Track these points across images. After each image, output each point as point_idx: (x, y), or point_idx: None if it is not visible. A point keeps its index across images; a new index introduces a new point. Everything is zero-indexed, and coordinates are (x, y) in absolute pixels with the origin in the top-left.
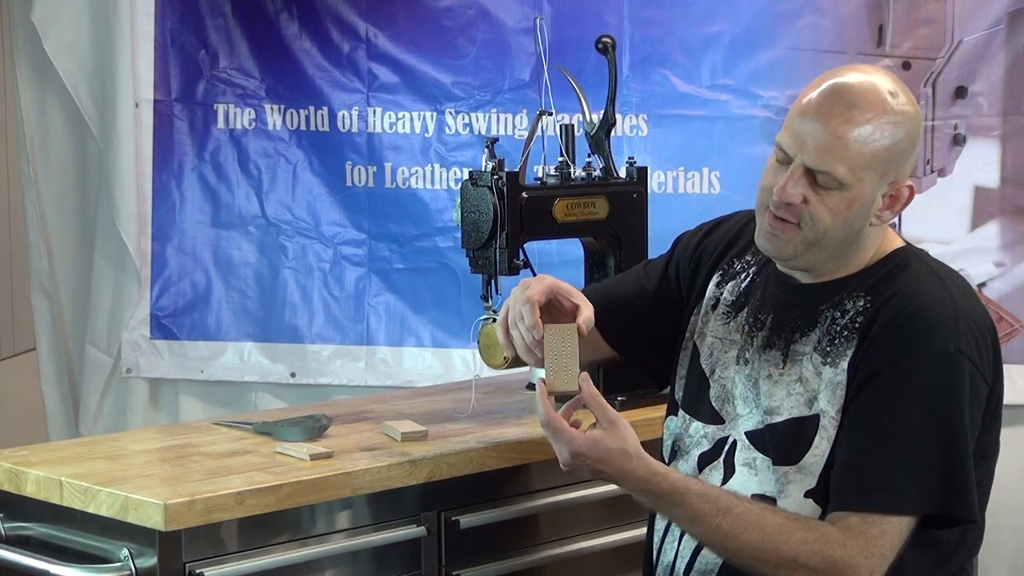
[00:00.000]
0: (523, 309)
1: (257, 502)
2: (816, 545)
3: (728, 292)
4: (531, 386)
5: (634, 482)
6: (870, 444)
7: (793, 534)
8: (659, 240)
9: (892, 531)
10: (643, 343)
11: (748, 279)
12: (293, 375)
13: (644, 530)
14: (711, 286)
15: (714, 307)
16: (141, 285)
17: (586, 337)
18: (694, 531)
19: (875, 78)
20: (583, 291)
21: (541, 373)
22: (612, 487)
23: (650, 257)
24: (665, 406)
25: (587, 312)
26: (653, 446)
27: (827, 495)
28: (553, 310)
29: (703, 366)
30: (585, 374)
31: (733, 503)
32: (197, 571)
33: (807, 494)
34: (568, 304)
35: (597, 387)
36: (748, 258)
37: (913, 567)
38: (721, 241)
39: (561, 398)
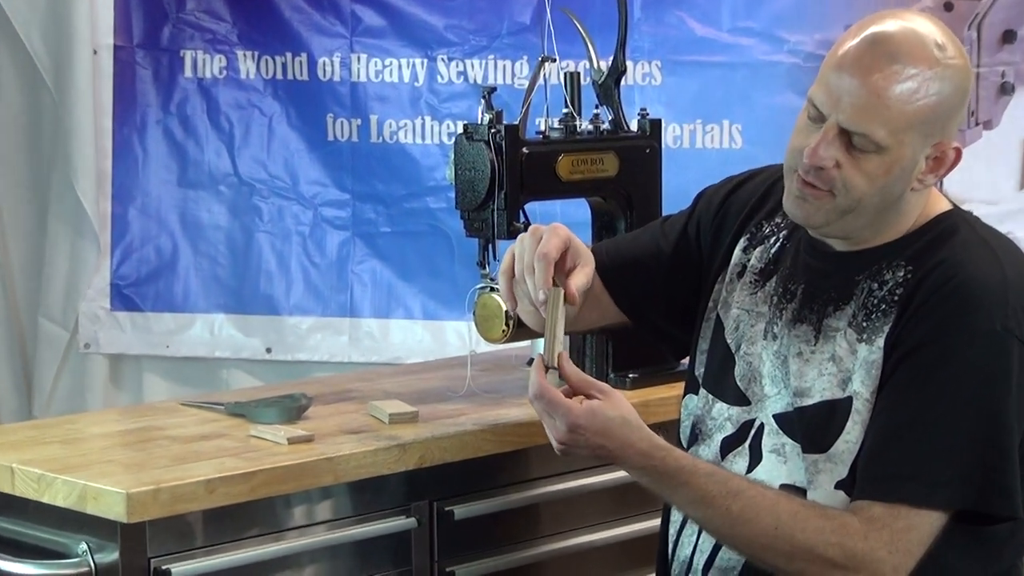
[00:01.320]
0: (536, 264)
1: (229, 491)
2: (835, 536)
3: (756, 258)
4: (532, 362)
5: (635, 457)
6: (901, 428)
7: (810, 522)
8: (674, 200)
9: (921, 526)
10: (657, 309)
11: (778, 244)
12: (269, 350)
13: (658, 521)
14: (737, 251)
15: (740, 275)
16: (100, 251)
17: (593, 298)
18: (700, 515)
19: (920, 26)
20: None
21: (542, 348)
22: (622, 474)
23: (666, 215)
24: (682, 385)
25: (579, 278)
26: (668, 428)
27: None
28: (559, 266)
29: (728, 340)
30: (564, 352)
31: (744, 486)
32: (163, 567)
33: (838, 485)
34: (570, 263)
35: (605, 361)
36: (778, 220)
37: (954, 565)
38: (748, 200)
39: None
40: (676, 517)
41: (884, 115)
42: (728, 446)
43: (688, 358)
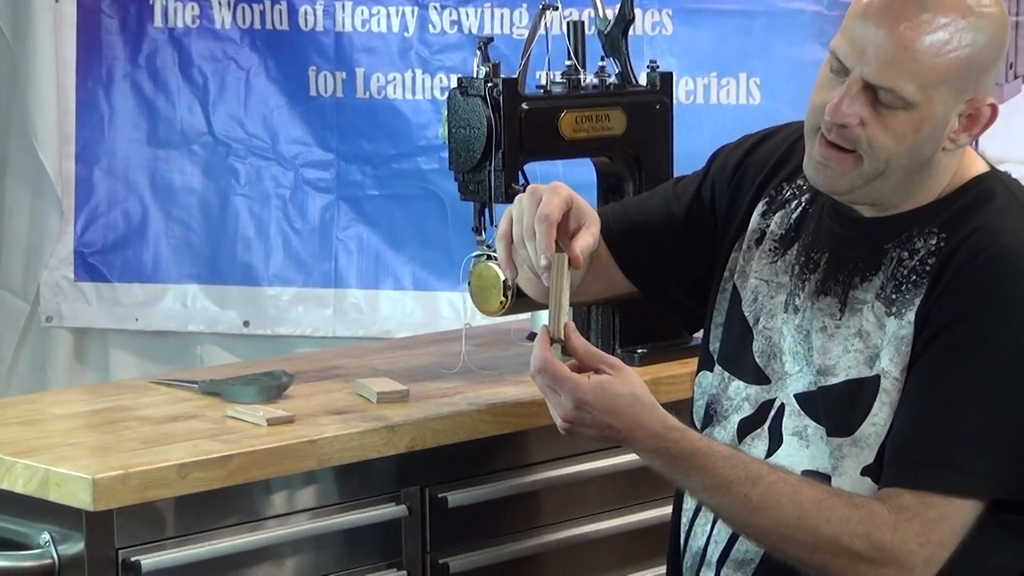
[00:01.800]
0: (537, 226)
1: (204, 476)
2: (861, 526)
3: (775, 224)
4: (533, 336)
5: (647, 438)
6: (933, 410)
7: (835, 511)
8: (687, 161)
9: (954, 515)
10: (668, 278)
11: (800, 209)
12: (246, 324)
13: (669, 509)
14: (755, 215)
15: (758, 241)
16: (63, 216)
17: (599, 266)
18: (715, 502)
19: None
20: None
21: (545, 319)
22: (629, 458)
23: (678, 176)
24: (695, 361)
25: (584, 240)
26: (681, 408)
27: None
28: (558, 227)
29: (745, 313)
30: (570, 323)
31: (764, 471)
32: (132, 559)
33: (864, 471)
34: (574, 225)
35: (611, 335)
36: (800, 183)
37: (990, 557)
38: (768, 160)
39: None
40: (689, 505)
41: (912, 68)
42: (745, 428)
43: (702, 332)
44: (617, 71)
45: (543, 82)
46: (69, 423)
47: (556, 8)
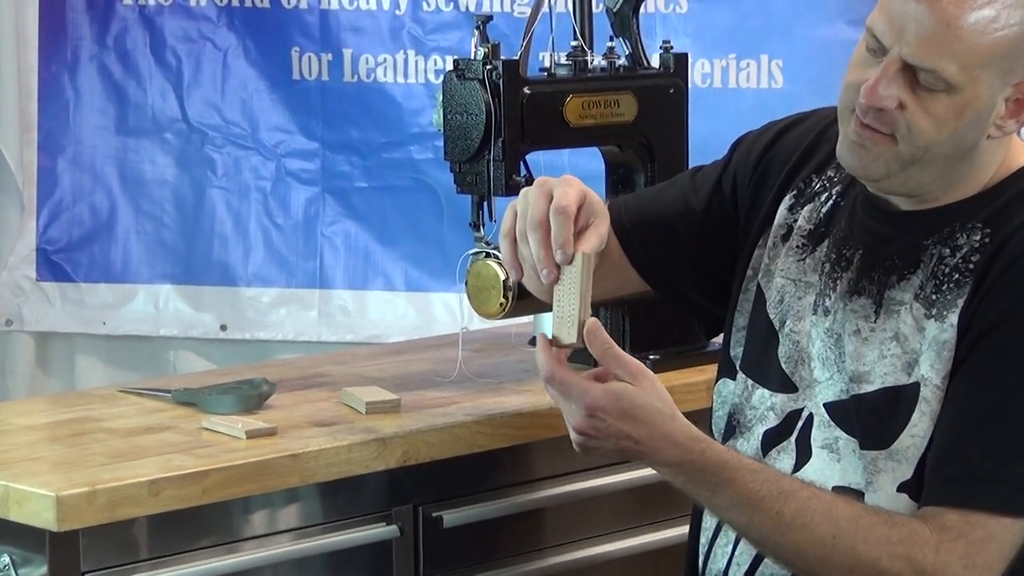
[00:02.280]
0: (554, 220)
1: (177, 493)
2: (902, 547)
3: (804, 219)
4: (535, 340)
5: (669, 450)
6: (978, 420)
7: (873, 531)
8: (704, 150)
9: (1002, 536)
10: (686, 278)
11: (830, 202)
12: (224, 328)
13: (685, 529)
14: (782, 209)
15: (785, 237)
16: (24, 210)
17: (609, 264)
18: (743, 520)
19: None
20: (605, 205)
21: (549, 321)
22: (643, 471)
23: (696, 166)
24: (715, 368)
25: (592, 241)
26: (698, 420)
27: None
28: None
29: (770, 315)
30: (595, 320)
31: (796, 487)
32: None
33: (901, 487)
34: (583, 221)
35: (621, 339)
36: (830, 174)
37: None
38: (795, 149)
39: (573, 357)
40: (708, 524)
41: (955, 48)
42: (771, 440)
43: (722, 336)
44: (627, 52)
45: (547, 64)
46: (31, 435)
47: None
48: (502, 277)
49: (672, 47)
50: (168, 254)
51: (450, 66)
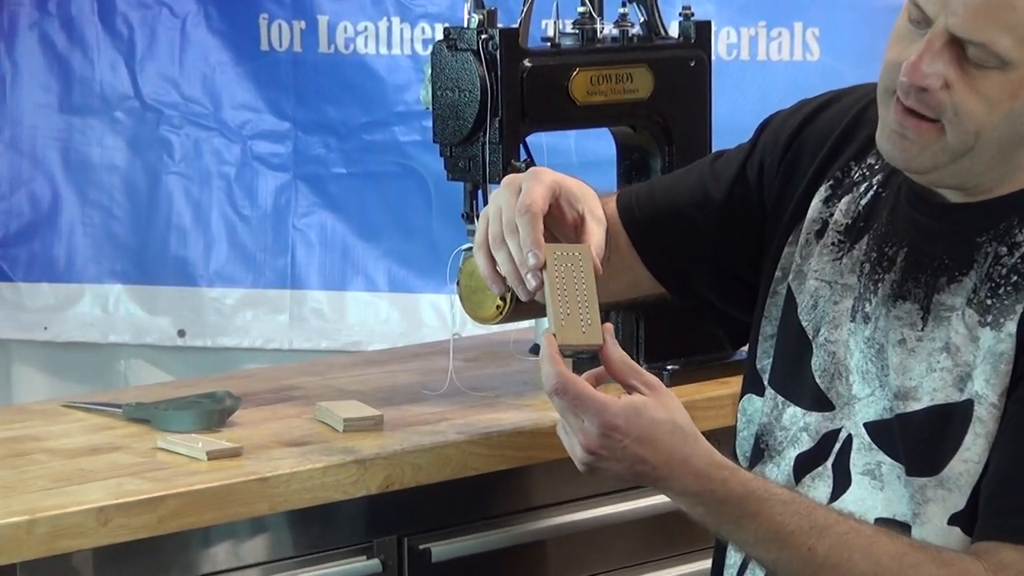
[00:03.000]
0: (519, 221)
1: (129, 522)
2: None
3: (841, 212)
4: (537, 348)
5: (688, 476)
6: None
7: (920, 569)
8: (728, 131)
9: None
10: (705, 278)
11: (871, 193)
12: (182, 334)
13: (707, 565)
14: (816, 201)
15: (819, 233)
16: None
17: (618, 261)
18: (771, 557)
19: None
20: (615, 195)
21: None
22: (657, 499)
23: (718, 150)
24: (739, 380)
25: (596, 236)
26: (721, 441)
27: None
28: (551, 220)
29: (803, 322)
30: (608, 325)
31: (832, 520)
32: None
33: (953, 519)
34: (571, 214)
35: (634, 347)
36: (871, 161)
37: None
38: (831, 132)
39: (579, 362)
40: (733, 560)
41: (1009, 18)
42: (804, 466)
43: (748, 345)
44: (642, 20)
45: (550, 34)
46: None
47: None
48: None
49: (693, 14)
50: (118, 250)
51: (440, 35)
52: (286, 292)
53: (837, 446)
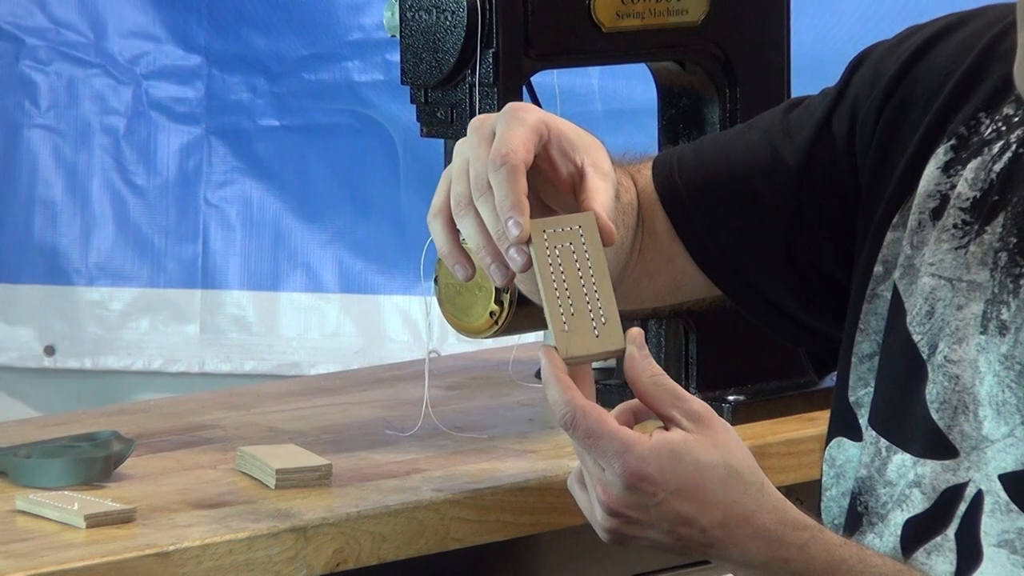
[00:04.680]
0: (493, 176)
1: None
2: None
3: (967, 183)
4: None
5: (752, 543)
6: None
7: None
8: (814, 68)
9: None
10: (775, 275)
11: (1007, 155)
12: (51, 351)
13: None
14: (932, 169)
15: (936, 213)
16: None
17: (654, 252)
18: None
19: None
20: (650, 159)
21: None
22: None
23: (796, 97)
24: (826, 417)
25: (602, 195)
26: (803, 498)
27: None
28: (537, 177)
29: (913, 336)
30: (637, 330)
31: None
32: None
33: None
34: (565, 167)
35: (683, 370)
36: (1008, 111)
37: None
38: (951, 72)
39: (606, 390)
40: None
41: None
42: (917, 534)
43: (837, 369)
44: None
45: None
46: None
47: None
48: None
49: None
50: None
51: None
52: (195, 293)
53: (962, 507)
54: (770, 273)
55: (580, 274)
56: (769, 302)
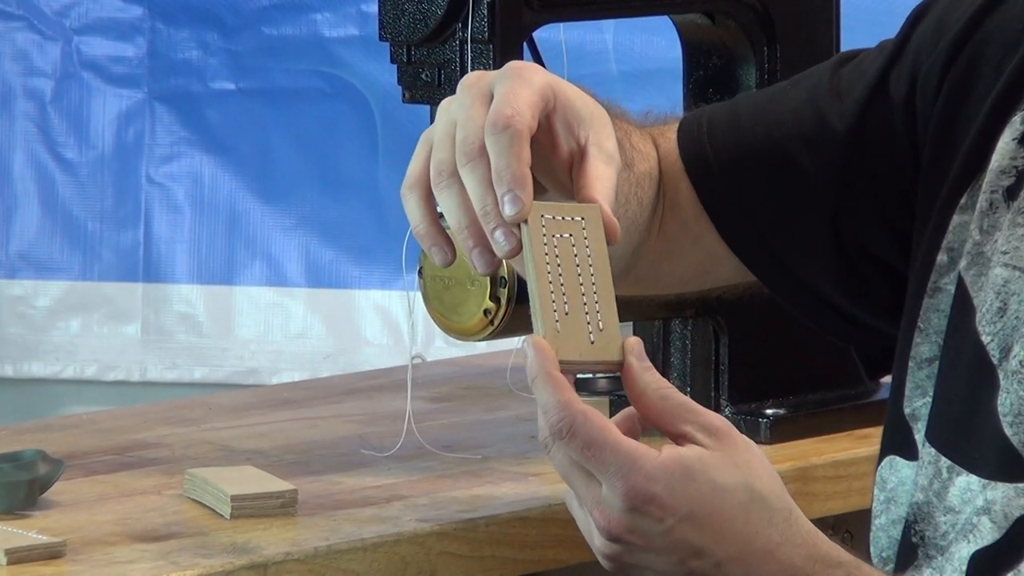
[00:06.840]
0: (493, 140)
1: None
2: None
3: None
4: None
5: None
6: None
7: None
8: (867, 21)
9: None
10: (820, 260)
11: None
12: None
13: None
14: (1006, 140)
15: (1011, 192)
16: None
17: (676, 231)
18: None
19: None
20: (676, 121)
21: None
22: None
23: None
24: (878, 435)
25: (605, 182)
26: (852, 530)
27: None
28: (534, 151)
29: (983, 337)
30: (635, 339)
31: None
32: None
33: None
34: (567, 144)
35: (712, 378)
36: None
37: None
38: None
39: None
40: None
41: None
42: (986, 570)
43: (892, 376)
44: None
45: None
46: None
47: None
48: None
49: None
50: None
51: None
52: (136, 287)
53: None
54: (813, 257)
55: (579, 271)
56: (811, 291)
